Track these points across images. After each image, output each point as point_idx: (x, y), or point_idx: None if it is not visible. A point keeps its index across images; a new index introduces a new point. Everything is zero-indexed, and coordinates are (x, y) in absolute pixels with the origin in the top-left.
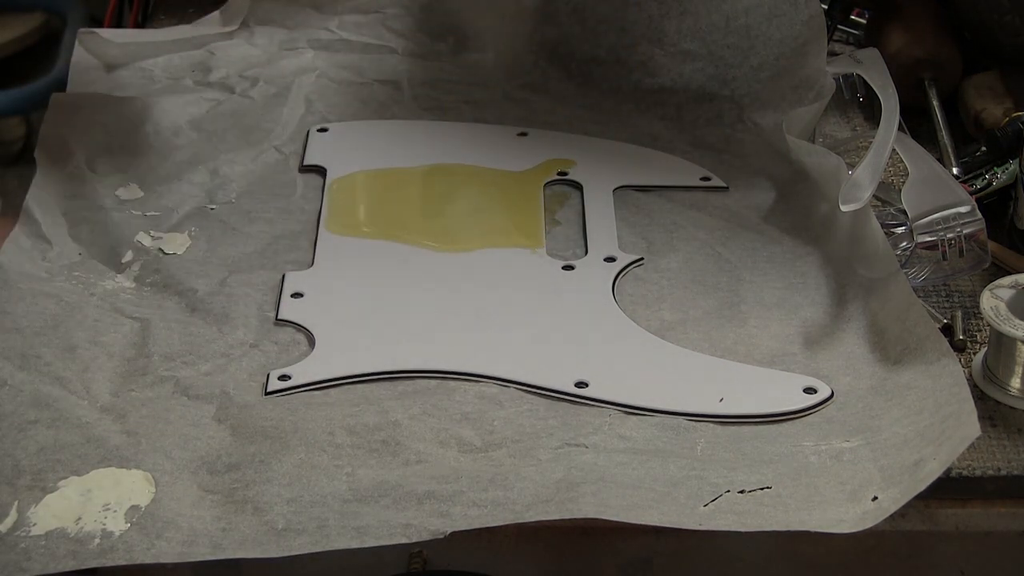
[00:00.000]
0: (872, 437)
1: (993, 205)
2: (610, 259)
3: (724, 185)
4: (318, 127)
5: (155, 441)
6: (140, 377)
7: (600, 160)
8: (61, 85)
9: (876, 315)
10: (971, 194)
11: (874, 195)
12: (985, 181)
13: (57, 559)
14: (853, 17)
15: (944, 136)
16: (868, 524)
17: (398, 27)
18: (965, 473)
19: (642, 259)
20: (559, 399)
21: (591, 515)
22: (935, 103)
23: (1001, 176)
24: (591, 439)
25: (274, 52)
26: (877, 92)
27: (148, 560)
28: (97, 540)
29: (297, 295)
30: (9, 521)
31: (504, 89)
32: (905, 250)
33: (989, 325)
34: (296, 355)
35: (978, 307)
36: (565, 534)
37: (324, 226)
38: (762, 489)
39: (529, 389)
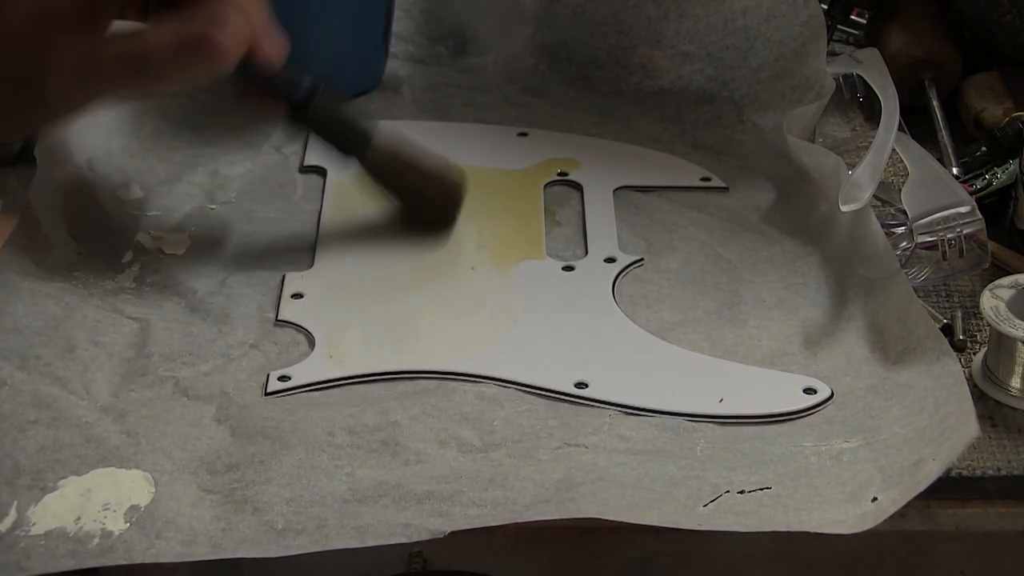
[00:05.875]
0: (872, 437)
1: (993, 205)
2: (610, 260)
3: (724, 185)
4: None
5: (155, 441)
6: (140, 377)
7: (600, 160)
8: None
9: (876, 315)
10: (971, 194)
11: (874, 195)
12: (985, 181)
13: (56, 558)
14: (853, 17)
15: (944, 136)
16: (868, 525)
17: (397, 30)
18: (965, 473)
19: (642, 260)
20: (559, 399)
21: (591, 515)
22: (935, 103)
23: (1001, 176)
24: (591, 439)
25: None
26: (877, 92)
27: (147, 559)
28: (96, 539)
29: (297, 296)
30: (8, 520)
31: (504, 92)
32: (905, 250)
33: (989, 325)
34: (296, 356)
35: (978, 307)
36: (565, 534)
37: (324, 227)
38: (762, 489)
39: (529, 390)
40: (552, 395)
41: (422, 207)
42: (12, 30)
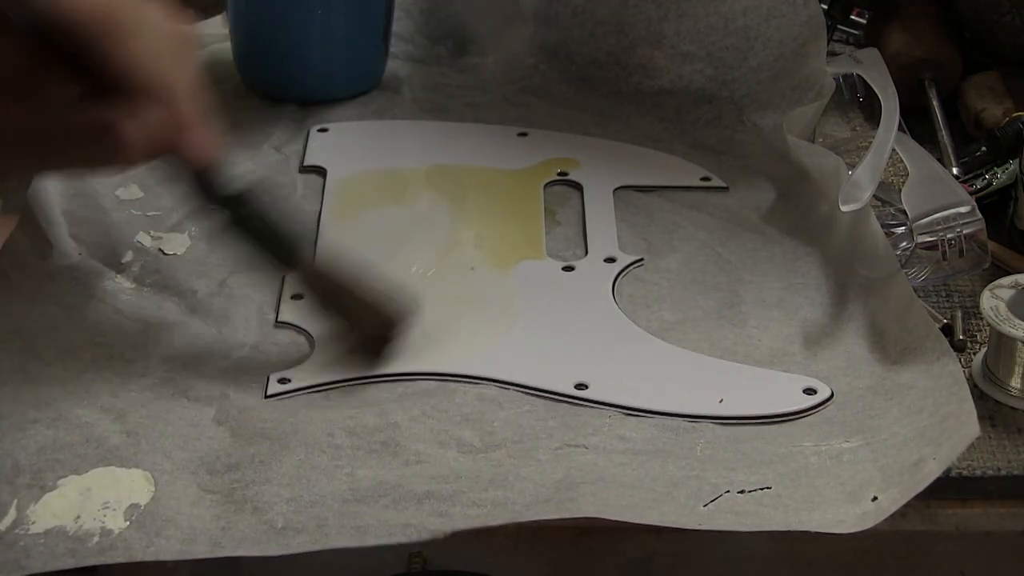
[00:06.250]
0: (872, 437)
1: (993, 205)
2: (610, 260)
3: (724, 185)
4: (318, 127)
5: (154, 441)
6: (140, 378)
7: (600, 160)
8: None
9: (876, 315)
10: (971, 194)
11: (874, 195)
12: (985, 181)
13: (56, 557)
14: (853, 17)
15: (944, 136)
16: (868, 524)
17: (397, 30)
18: (965, 473)
19: (642, 260)
20: (559, 400)
21: (591, 515)
22: (935, 103)
23: (1001, 176)
24: (591, 440)
25: None
26: (877, 92)
27: (147, 558)
28: (96, 538)
29: (297, 297)
30: (8, 519)
31: (504, 92)
32: (905, 250)
33: (989, 325)
34: (296, 357)
35: (978, 307)
36: (565, 534)
37: (324, 227)
38: (762, 489)
39: (529, 391)
40: (552, 396)
41: (353, 333)
42: None
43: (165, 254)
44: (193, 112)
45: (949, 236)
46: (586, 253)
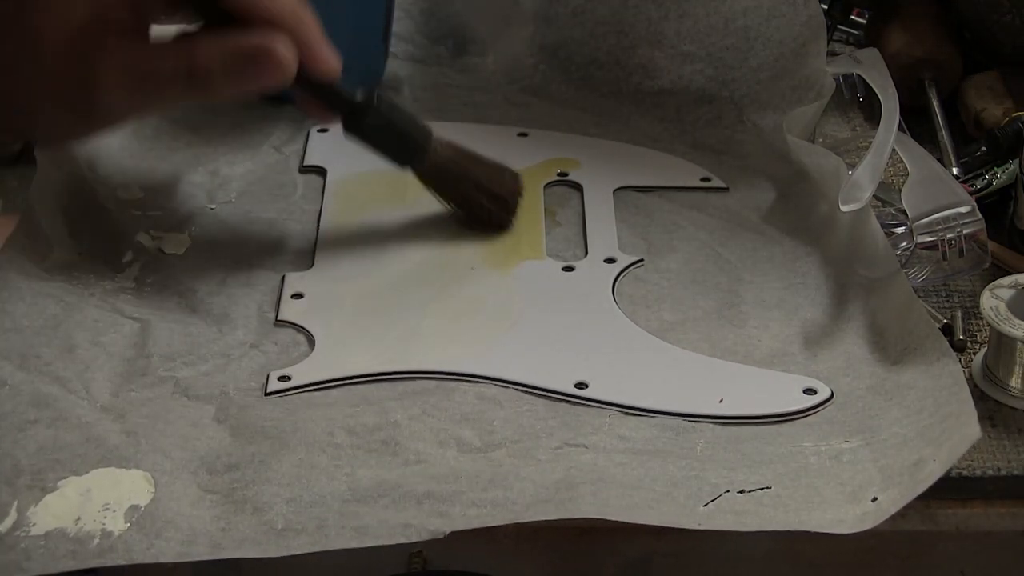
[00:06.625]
0: (872, 437)
1: (993, 205)
2: (610, 260)
3: (724, 186)
4: (318, 127)
5: (154, 441)
6: (140, 377)
7: (600, 161)
8: None
9: (876, 315)
10: (971, 194)
11: (874, 195)
12: (985, 181)
13: (57, 559)
14: (853, 17)
15: (944, 136)
16: (868, 525)
17: (397, 30)
18: (965, 473)
19: (642, 260)
20: (559, 400)
21: (591, 515)
22: (935, 103)
23: (1001, 176)
24: (591, 439)
25: None
26: (877, 92)
27: (147, 560)
28: (96, 540)
29: (297, 296)
30: (9, 521)
31: (504, 92)
32: (905, 250)
33: (989, 325)
34: (296, 356)
35: (978, 307)
36: (565, 534)
37: (324, 227)
38: (762, 489)
39: (529, 390)
40: (552, 395)
41: (477, 212)
42: (66, 35)
43: (165, 254)
44: (315, 33)
45: (949, 236)
46: (586, 253)
